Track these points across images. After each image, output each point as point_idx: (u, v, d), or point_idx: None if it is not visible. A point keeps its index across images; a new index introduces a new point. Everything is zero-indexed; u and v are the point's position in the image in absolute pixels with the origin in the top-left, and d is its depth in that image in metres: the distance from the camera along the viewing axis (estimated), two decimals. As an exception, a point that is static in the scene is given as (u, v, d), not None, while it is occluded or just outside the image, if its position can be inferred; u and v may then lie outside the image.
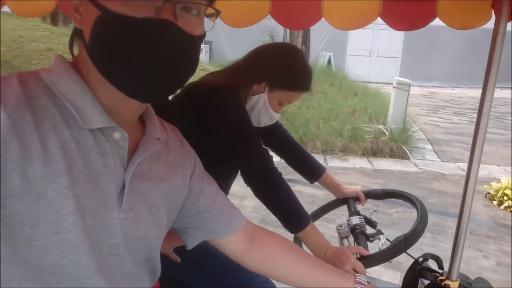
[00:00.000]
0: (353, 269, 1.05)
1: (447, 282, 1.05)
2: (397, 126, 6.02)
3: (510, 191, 4.00)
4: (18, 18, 8.58)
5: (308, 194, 4.02)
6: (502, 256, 3.07)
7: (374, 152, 5.53)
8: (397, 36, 13.48)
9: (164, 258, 1.18)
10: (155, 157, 0.70)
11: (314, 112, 6.83)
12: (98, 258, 0.60)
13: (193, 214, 0.80)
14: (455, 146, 6.20)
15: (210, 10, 0.62)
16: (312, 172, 1.52)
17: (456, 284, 1.04)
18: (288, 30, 9.80)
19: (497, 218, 3.75)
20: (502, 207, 3.98)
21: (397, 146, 5.54)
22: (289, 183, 1.16)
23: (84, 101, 0.58)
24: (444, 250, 3.00)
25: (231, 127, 1.16)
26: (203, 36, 0.61)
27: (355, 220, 1.31)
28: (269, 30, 9.47)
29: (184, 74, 0.60)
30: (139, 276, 0.69)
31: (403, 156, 5.48)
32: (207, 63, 10.83)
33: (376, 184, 4.49)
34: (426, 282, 1.11)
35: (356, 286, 0.81)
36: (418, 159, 5.49)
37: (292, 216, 1.14)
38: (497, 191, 4.09)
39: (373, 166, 5.14)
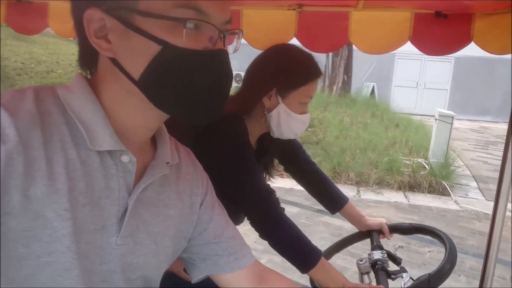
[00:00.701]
0: None
1: None
2: (438, 160, 5.73)
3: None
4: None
5: (335, 226, 3.89)
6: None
7: (411, 186, 5.28)
8: (446, 67, 13.05)
9: (173, 276, 1.19)
10: (163, 182, 0.68)
11: (352, 142, 6.69)
12: (88, 284, 0.58)
13: (199, 244, 0.76)
14: (504, 184, 5.79)
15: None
16: (334, 202, 1.44)
17: None
18: (330, 60, 9.81)
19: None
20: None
21: (436, 181, 5.26)
22: (316, 213, 1.12)
23: (96, 122, 0.58)
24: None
25: (227, 169, 1.10)
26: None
27: (377, 254, 1.24)
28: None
29: (228, 87, 0.62)
30: None
31: (443, 192, 5.19)
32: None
33: (411, 221, 4.26)
34: None
35: None
36: (459, 197, 5.16)
37: (299, 254, 1.08)
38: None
39: (408, 201, 4.89)
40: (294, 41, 1.32)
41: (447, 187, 5.17)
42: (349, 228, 3.82)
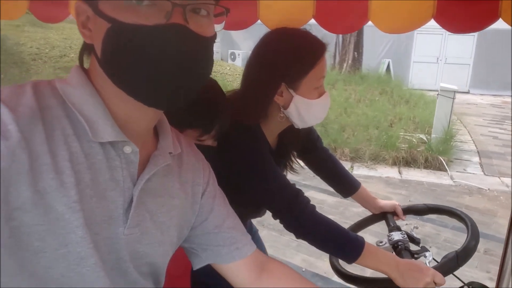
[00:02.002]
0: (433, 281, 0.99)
1: None
2: (438, 136, 5.61)
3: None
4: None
5: (318, 200, 3.94)
6: None
7: (407, 162, 5.22)
8: (469, 42, 12.50)
9: None
10: (166, 172, 0.69)
11: (355, 120, 6.63)
12: (106, 272, 0.60)
13: (200, 234, 0.77)
14: (508, 160, 5.61)
15: (218, 9, 0.60)
16: (348, 186, 1.43)
17: None
18: (340, 37, 9.62)
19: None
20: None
21: (433, 157, 5.17)
22: (303, 189, 1.13)
23: (96, 114, 0.58)
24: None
25: (251, 180, 1.08)
26: (214, 36, 0.60)
27: (397, 235, 1.22)
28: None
29: (200, 77, 0.59)
30: (143, 286, 0.68)
31: (439, 167, 5.10)
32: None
33: (397, 195, 4.24)
34: None
35: None
36: (457, 172, 5.06)
37: (342, 247, 1.06)
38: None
39: (401, 176, 4.85)
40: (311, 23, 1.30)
41: (444, 162, 5.07)
42: (332, 203, 3.87)
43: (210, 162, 0.81)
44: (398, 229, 1.27)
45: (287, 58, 1.04)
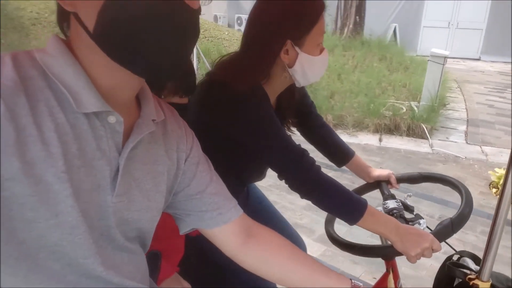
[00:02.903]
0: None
1: (476, 281, 0.92)
2: (427, 103, 5.55)
3: None
4: None
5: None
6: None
7: (390, 129, 5.21)
8: (482, 6, 11.96)
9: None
10: (150, 139, 0.70)
11: (346, 86, 6.57)
12: (94, 239, 0.61)
13: (182, 200, 0.78)
14: (496, 129, 5.54)
15: None
16: (342, 155, 1.43)
17: (487, 284, 0.92)
18: (342, 0, 9.34)
19: (485, 207, 3.39)
20: (499, 196, 3.57)
21: (416, 124, 5.14)
22: None
23: (79, 84, 0.57)
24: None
25: (257, 138, 1.08)
26: (200, 9, 0.62)
27: (392, 204, 1.24)
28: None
29: (190, 46, 0.61)
30: (130, 249, 0.70)
31: (422, 135, 5.09)
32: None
33: (370, 162, 4.29)
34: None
35: None
36: (439, 140, 5.04)
37: (345, 208, 1.07)
38: (499, 178, 3.65)
39: (380, 144, 4.87)
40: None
41: (426, 130, 5.05)
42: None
43: (201, 125, 0.83)
44: (393, 197, 1.30)
45: (293, 14, 1.04)
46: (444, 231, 1.05)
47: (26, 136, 0.52)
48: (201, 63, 6.48)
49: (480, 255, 0.95)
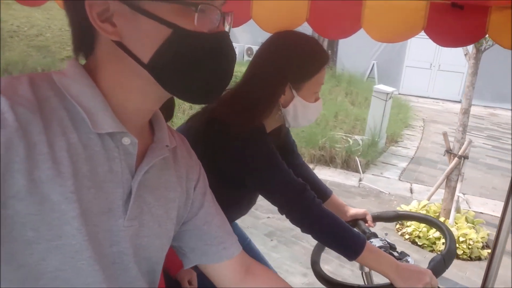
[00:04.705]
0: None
1: None
2: (368, 137, 5.55)
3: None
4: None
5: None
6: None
7: (326, 161, 5.20)
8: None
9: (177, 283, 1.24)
10: (163, 164, 0.69)
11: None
12: (101, 266, 0.59)
13: (190, 229, 0.77)
14: (437, 168, 5.49)
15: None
16: (320, 194, 1.44)
17: None
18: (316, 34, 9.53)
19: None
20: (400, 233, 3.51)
21: (352, 158, 5.13)
22: None
23: (95, 105, 0.58)
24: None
25: (260, 173, 1.11)
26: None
27: (377, 242, 1.23)
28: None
29: (231, 75, 0.64)
30: (137, 286, 0.67)
31: (356, 169, 5.06)
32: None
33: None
34: None
35: None
36: (373, 174, 5.02)
37: (344, 244, 1.08)
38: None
39: (308, 174, 4.85)
40: (304, 26, 1.33)
41: (359, 164, 5.03)
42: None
43: (207, 158, 0.84)
44: (375, 235, 1.29)
45: (297, 60, 1.10)
46: (439, 267, 1.05)
47: (37, 154, 0.52)
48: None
49: None
